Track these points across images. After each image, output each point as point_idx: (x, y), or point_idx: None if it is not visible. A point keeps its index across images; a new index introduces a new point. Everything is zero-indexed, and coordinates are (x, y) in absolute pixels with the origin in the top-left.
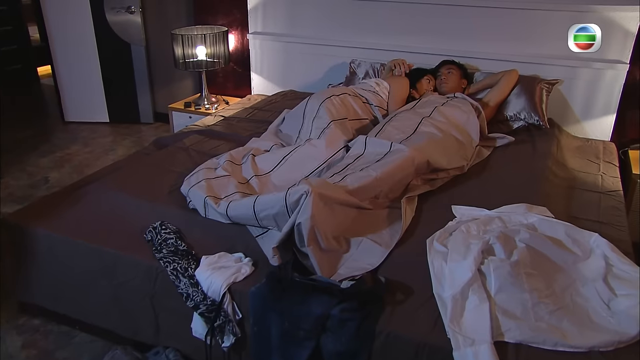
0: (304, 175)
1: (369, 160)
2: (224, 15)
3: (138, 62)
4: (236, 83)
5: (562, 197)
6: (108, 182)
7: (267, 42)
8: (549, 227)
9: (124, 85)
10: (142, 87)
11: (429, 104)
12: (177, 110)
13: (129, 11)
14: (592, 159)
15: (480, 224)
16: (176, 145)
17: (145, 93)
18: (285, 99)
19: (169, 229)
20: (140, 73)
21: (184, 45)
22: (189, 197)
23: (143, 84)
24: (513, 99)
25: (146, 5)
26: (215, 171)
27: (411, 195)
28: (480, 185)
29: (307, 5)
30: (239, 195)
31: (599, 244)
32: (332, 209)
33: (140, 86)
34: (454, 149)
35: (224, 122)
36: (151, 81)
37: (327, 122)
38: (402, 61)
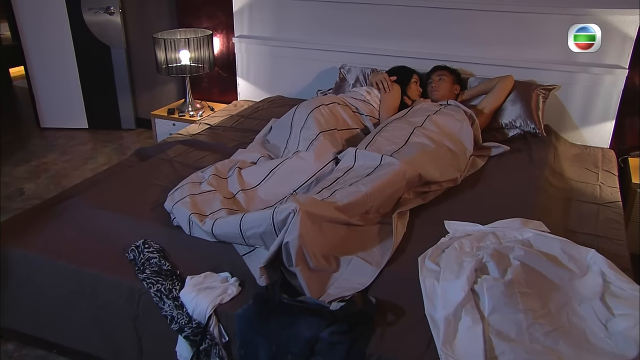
0: (293, 189)
1: (359, 174)
2: (208, 18)
3: (118, 65)
4: (222, 88)
5: (559, 209)
6: (88, 198)
7: (253, 46)
8: (545, 243)
9: (104, 90)
10: (123, 91)
11: (421, 112)
12: (160, 117)
13: (108, 12)
14: (590, 167)
15: (474, 240)
16: (159, 157)
17: (126, 98)
18: (272, 106)
19: (153, 248)
20: (120, 77)
21: (167, 49)
22: (173, 213)
23: (124, 88)
24: (508, 106)
25: (126, 6)
26: (200, 186)
27: (403, 210)
28: (474, 197)
29: (295, 8)
30: (225, 211)
31: (596, 260)
32: (321, 227)
33: (121, 90)
34: (446, 160)
35: (209, 131)
36: (133, 85)
37: (315, 133)
38: (383, 77)
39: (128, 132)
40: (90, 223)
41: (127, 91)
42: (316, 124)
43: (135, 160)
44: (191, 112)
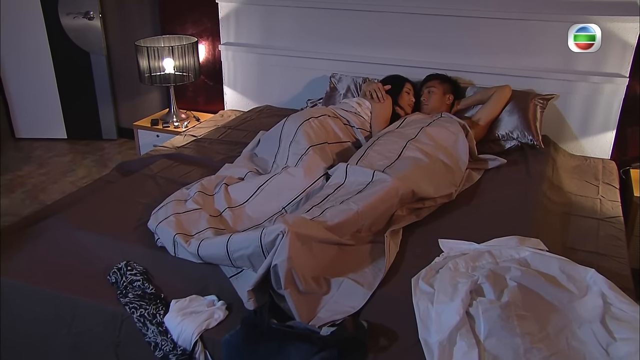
0: (282, 206)
1: (350, 190)
2: (193, 25)
3: (98, 72)
4: (208, 98)
5: (558, 225)
6: (66, 216)
7: (240, 54)
8: (542, 262)
9: (84, 98)
10: (104, 100)
11: (414, 124)
12: (144, 128)
13: (87, 17)
14: (590, 180)
15: (469, 260)
16: (142, 172)
17: (107, 106)
18: (260, 116)
19: (136, 270)
20: (101, 85)
21: (150, 57)
22: (157, 233)
23: (105, 96)
24: (505, 117)
25: (106, 11)
26: (185, 204)
27: (395, 228)
28: (469, 213)
29: (284, 14)
30: (211, 231)
31: (595, 280)
32: (311, 248)
33: (101, 99)
34: (441, 175)
35: (194, 143)
36: (114, 93)
37: (305, 148)
38: (377, 87)
39: (109, 143)
40: (69, 244)
41: (108, 99)
42: (306, 137)
43: (117, 175)
44: (176, 123)
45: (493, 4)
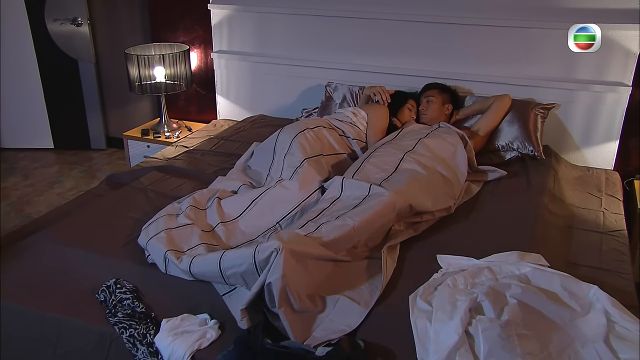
0: (276, 220)
1: (346, 205)
2: (185, 32)
3: (87, 80)
4: (200, 107)
5: (559, 239)
6: (53, 232)
7: (233, 62)
8: (544, 278)
9: (71, 107)
10: (93, 108)
11: (411, 135)
12: (134, 138)
13: (75, 23)
14: (593, 192)
15: (468, 276)
16: (132, 185)
17: (96, 115)
18: (254, 126)
19: (125, 288)
20: (89, 93)
21: (140, 66)
22: (148, 250)
23: (93, 105)
24: (505, 127)
25: (95, 17)
26: (177, 219)
27: (392, 243)
28: (469, 228)
29: (278, 22)
30: (204, 247)
31: (599, 297)
32: (306, 265)
33: (90, 108)
34: (439, 188)
35: (186, 155)
36: (103, 102)
37: (300, 160)
38: (381, 89)
39: (98, 153)
40: (55, 261)
41: (96, 108)
42: (301, 149)
43: (106, 188)
44: (167, 133)
45: (492, 12)
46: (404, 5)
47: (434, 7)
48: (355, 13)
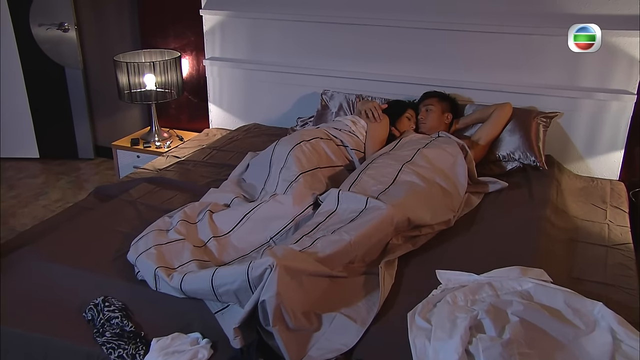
0: (269, 236)
1: (343, 219)
2: (176, 38)
3: (74, 87)
4: (192, 115)
5: (563, 253)
6: (38, 248)
7: (226, 69)
8: (546, 294)
9: (58, 115)
10: (80, 116)
11: (410, 145)
12: (123, 148)
13: (62, 28)
14: (597, 203)
15: (468, 293)
16: (121, 198)
17: (83, 124)
18: (248, 135)
19: (114, 306)
20: (77, 100)
21: (130, 73)
22: (137, 266)
23: (81, 113)
24: (506, 137)
25: (82, 22)
26: (167, 234)
27: (390, 258)
28: (469, 241)
29: (273, 27)
30: (195, 264)
31: (604, 314)
32: (301, 282)
33: (77, 116)
34: (438, 200)
35: (177, 166)
36: (91, 110)
37: (295, 175)
38: (373, 106)
39: (86, 162)
40: (41, 278)
41: (84, 116)
42: (297, 163)
43: (94, 201)
44: (157, 143)
45: (493, 18)
46: (402, 11)
47: (432, 13)
48: (351, 19)
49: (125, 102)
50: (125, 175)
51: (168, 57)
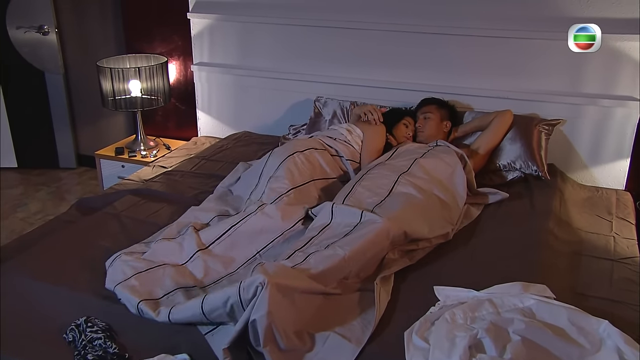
0: (257, 250)
1: (336, 233)
2: (163, 43)
3: (55, 93)
4: (179, 123)
5: (566, 268)
6: (17, 264)
7: (215, 75)
8: (549, 312)
9: (37, 122)
10: (61, 124)
11: (406, 154)
12: (107, 157)
13: (41, 31)
14: (602, 214)
15: (468, 310)
16: (105, 211)
17: (65, 132)
18: (238, 144)
19: (97, 327)
20: (58, 107)
21: (114, 79)
22: (117, 295)
23: (62, 120)
24: (507, 145)
25: (63, 24)
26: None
27: (386, 274)
28: (468, 255)
29: (264, 31)
30: (181, 293)
31: (610, 333)
32: (293, 300)
33: (58, 123)
34: (436, 213)
35: (164, 176)
36: (73, 117)
37: (286, 189)
38: (372, 108)
39: (67, 172)
40: (19, 297)
41: (65, 124)
42: (287, 175)
43: (76, 214)
44: (143, 152)
45: (493, 22)
46: (398, 14)
47: (430, 17)
48: (346, 23)
49: (109, 109)
50: (109, 187)
51: (154, 63)
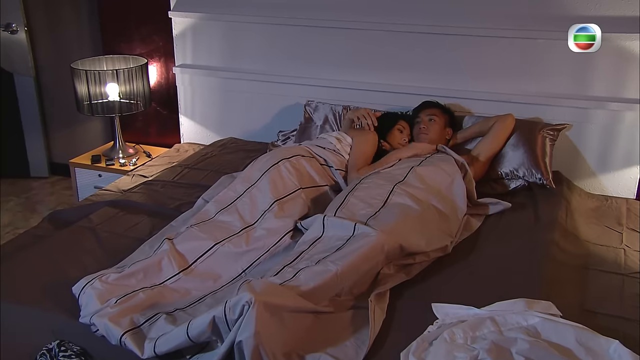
0: (242, 269)
1: (328, 247)
2: (142, 43)
3: (25, 97)
4: (160, 129)
5: (573, 283)
6: None
7: (199, 77)
8: (555, 331)
9: (6, 127)
10: (33, 129)
11: (402, 162)
12: (82, 166)
13: (9, 30)
14: (612, 225)
15: (468, 329)
16: (80, 224)
17: (36, 138)
18: (224, 152)
19: (71, 351)
20: (28, 111)
21: (90, 82)
22: (95, 325)
23: (33, 125)
24: (509, 152)
25: (34, 23)
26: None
27: (381, 290)
28: (468, 270)
29: (251, 31)
30: (163, 317)
31: (621, 354)
32: (282, 320)
33: (29, 129)
34: (434, 225)
35: (144, 186)
36: (45, 123)
37: (269, 202)
38: (366, 112)
39: (39, 181)
40: None
41: (37, 129)
42: (271, 187)
43: (49, 227)
44: (122, 160)
45: (494, 21)
46: (394, 13)
47: (428, 16)
48: (338, 22)
49: (84, 114)
50: (84, 198)
51: (133, 64)
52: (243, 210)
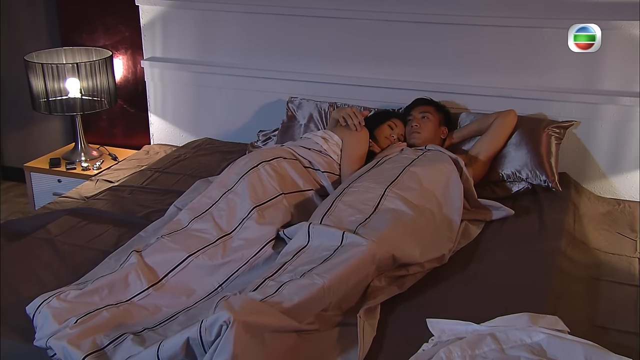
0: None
1: (314, 257)
2: (106, 34)
3: None
4: (128, 129)
5: (582, 296)
6: None
7: (170, 72)
8: (562, 348)
9: None
10: None
11: (395, 161)
12: (39, 170)
13: None
14: (624, 232)
15: (466, 346)
16: (36, 235)
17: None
18: (198, 154)
19: None
20: None
21: (47, 76)
22: (53, 349)
23: None
24: (511, 151)
25: None
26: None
27: (371, 304)
28: (466, 282)
29: (228, 21)
30: (130, 338)
31: None
32: (263, 340)
33: None
34: (430, 232)
35: (110, 193)
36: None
37: (247, 209)
38: (352, 111)
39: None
40: None
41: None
42: (250, 192)
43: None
44: (84, 164)
45: (493, 9)
46: (384, 1)
47: (421, 4)
48: (324, 11)
49: (41, 112)
50: (41, 206)
51: (96, 58)
52: (219, 218)
